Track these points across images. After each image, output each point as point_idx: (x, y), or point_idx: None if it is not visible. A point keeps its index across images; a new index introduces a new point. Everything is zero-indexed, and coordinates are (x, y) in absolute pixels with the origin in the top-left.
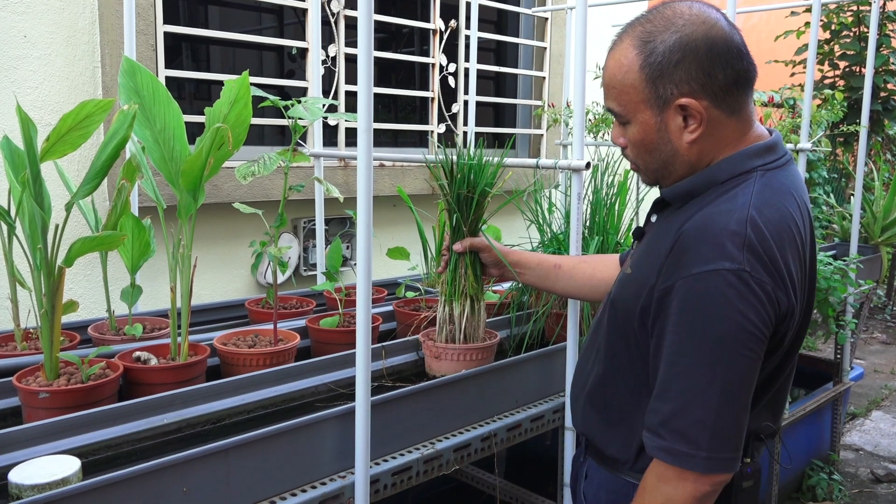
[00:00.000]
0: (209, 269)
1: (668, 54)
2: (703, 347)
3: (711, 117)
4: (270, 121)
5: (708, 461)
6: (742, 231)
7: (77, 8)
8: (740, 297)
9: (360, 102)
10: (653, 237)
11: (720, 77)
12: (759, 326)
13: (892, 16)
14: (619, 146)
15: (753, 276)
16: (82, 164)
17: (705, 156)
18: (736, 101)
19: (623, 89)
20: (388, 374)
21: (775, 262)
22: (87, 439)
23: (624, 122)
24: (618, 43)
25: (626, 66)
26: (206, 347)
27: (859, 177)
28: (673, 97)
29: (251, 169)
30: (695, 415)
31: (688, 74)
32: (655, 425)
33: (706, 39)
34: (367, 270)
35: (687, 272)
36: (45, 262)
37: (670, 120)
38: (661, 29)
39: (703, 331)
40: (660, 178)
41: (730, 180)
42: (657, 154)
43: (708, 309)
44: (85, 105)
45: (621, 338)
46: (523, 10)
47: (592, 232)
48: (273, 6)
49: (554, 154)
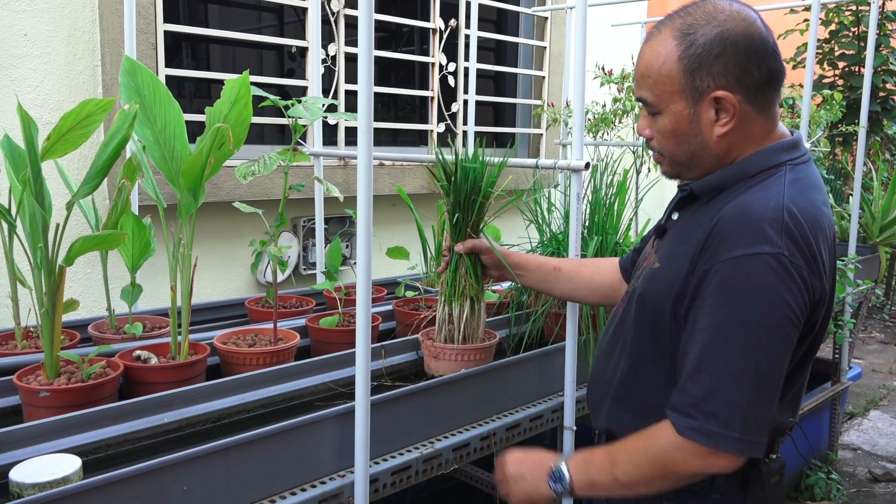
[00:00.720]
0: (209, 267)
1: (708, 47)
2: (742, 330)
3: (743, 112)
4: (270, 120)
5: (740, 443)
6: (779, 217)
7: (77, 6)
8: (780, 281)
9: (361, 102)
10: (680, 231)
11: (756, 74)
12: (796, 311)
13: (892, 16)
14: (645, 137)
15: (792, 261)
16: (82, 162)
17: (732, 150)
18: (767, 99)
19: (658, 79)
20: (388, 374)
21: (811, 249)
22: (87, 438)
23: (654, 112)
24: (656, 34)
25: (664, 56)
26: (207, 346)
27: (858, 177)
28: (709, 89)
29: (251, 168)
30: (729, 397)
31: (726, 68)
32: (686, 406)
33: (746, 36)
34: (367, 270)
35: (725, 256)
36: (46, 260)
37: (703, 112)
38: (702, 22)
39: (743, 313)
40: (683, 171)
41: (760, 173)
42: (686, 146)
43: (748, 292)
44: (86, 104)
45: (650, 332)
46: (523, 9)
47: (592, 232)
48: (273, 5)
49: (553, 153)
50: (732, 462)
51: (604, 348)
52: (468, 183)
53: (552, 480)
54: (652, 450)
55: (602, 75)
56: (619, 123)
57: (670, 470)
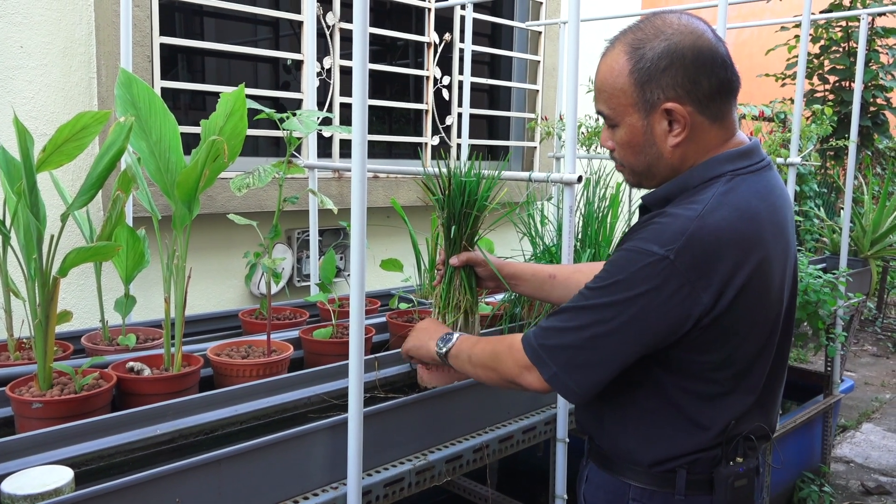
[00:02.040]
0: (203, 279)
1: (656, 60)
2: (598, 302)
3: (695, 123)
4: (265, 132)
5: (552, 376)
6: (686, 225)
7: (74, 19)
8: (649, 280)
9: (355, 115)
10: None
11: (705, 84)
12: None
13: (881, 31)
14: (608, 148)
15: (674, 269)
16: (77, 174)
17: (687, 160)
18: (719, 108)
19: (613, 93)
20: (381, 386)
21: (709, 262)
22: (80, 450)
23: (613, 124)
24: (610, 49)
25: (617, 70)
26: (200, 358)
27: (848, 190)
28: (659, 101)
29: (246, 181)
30: (562, 339)
31: (674, 80)
32: (541, 329)
33: (693, 48)
34: (361, 282)
35: (624, 244)
36: (40, 272)
37: (656, 123)
38: (650, 37)
39: (605, 288)
40: (643, 180)
41: (700, 185)
42: (643, 156)
43: (618, 274)
44: (81, 116)
45: None
46: (517, 23)
47: (584, 245)
48: (269, 18)
49: (547, 166)
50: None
51: None
52: (463, 196)
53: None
54: (498, 343)
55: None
56: None
57: (498, 365)
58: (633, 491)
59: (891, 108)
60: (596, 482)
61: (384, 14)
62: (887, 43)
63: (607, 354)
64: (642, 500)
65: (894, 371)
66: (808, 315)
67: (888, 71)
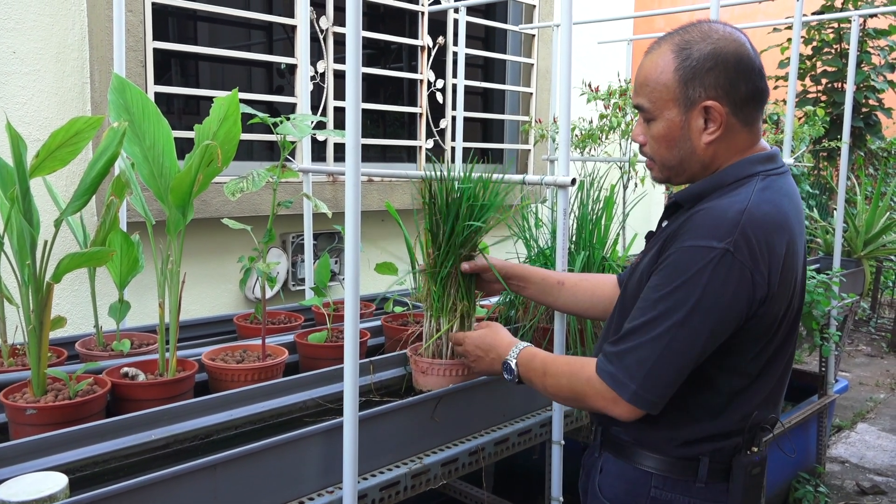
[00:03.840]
0: (197, 284)
1: (702, 60)
2: (669, 306)
3: (729, 123)
4: (259, 136)
5: (634, 394)
6: (736, 217)
7: (67, 24)
8: (716, 270)
9: (349, 118)
10: (663, 234)
11: (742, 89)
12: (728, 301)
13: (873, 33)
14: (639, 143)
15: (737, 255)
16: (70, 179)
17: (717, 158)
18: (751, 114)
19: (656, 87)
20: (376, 389)
21: (762, 249)
22: (74, 456)
23: (649, 118)
24: (656, 48)
25: (662, 66)
26: (195, 363)
27: (841, 191)
28: (700, 99)
29: (240, 185)
30: (640, 354)
31: (716, 81)
32: (611, 354)
33: (735, 55)
34: (355, 285)
35: (680, 244)
36: (34, 277)
37: (693, 120)
38: (697, 39)
39: (672, 292)
40: (671, 176)
41: (734, 182)
42: (676, 150)
43: (684, 275)
44: (75, 122)
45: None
46: (510, 27)
47: (579, 247)
48: (262, 23)
49: (541, 169)
50: (628, 412)
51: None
52: (460, 206)
53: (505, 370)
54: (574, 378)
55: (588, 92)
56: (605, 139)
57: (581, 399)
58: (654, 479)
59: (883, 108)
60: (614, 472)
61: (378, 18)
62: (879, 44)
63: (686, 357)
64: (664, 487)
65: (889, 371)
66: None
67: (880, 72)
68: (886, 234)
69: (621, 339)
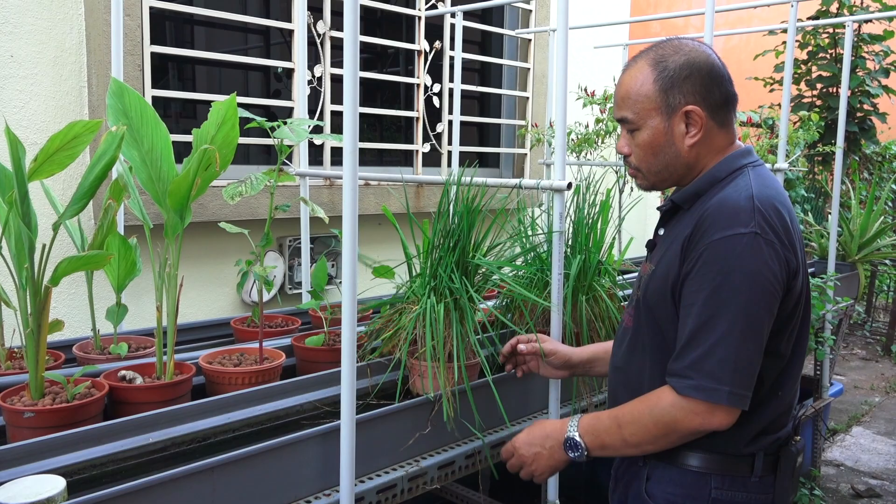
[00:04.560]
0: (195, 287)
1: (678, 70)
2: (725, 296)
3: (708, 126)
4: (256, 140)
5: (730, 395)
6: (750, 203)
7: (64, 28)
8: (757, 251)
9: (346, 123)
10: (668, 238)
11: (716, 94)
12: (771, 279)
13: (867, 38)
14: (623, 154)
15: (764, 237)
16: (68, 183)
17: (701, 159)
18: (725, 116)
19: (637, 99)
20: (374, 392)
21: (780, 227)
22: (72, 459)
23: (633, 129)
24: (632, 64)
25: (642, 79)
26: (192, 366)
27: (836, 196)
28: (680, 105)
29: (238, 189)
30: (719, 355)
31: (693, 87)
32: (684, 368)
33: (708, 63)
34: (353, 289)
35: (708, 239)
36: (31, 281)
37: (675, 125)
38: (671, 53)
39: (724, 283)
40: (657, 182)
41: (728, 176)
42: (662, 156)
43: (728, 263)
44: (73, 126)
45: (659, 328)
46: (507, 31)
47: (575, 251)
48: (259, 27)
49: (538, 173)
50: (727, 418)
51: (621, 360)
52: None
53: (569, 449)
54: (655, 411)
55: (584, 96)
56: (601, 143)
57: (672, 428)
58: (714, 479)
59: (877, 113)
60: (666, 478)
61: (375, 22)
62: (873, 49)
63: (759, 342)
64: (723, 487)
65: (883, 374)
66: None
67: (874, 77)
68: (881, 238)
69: (686, 349)
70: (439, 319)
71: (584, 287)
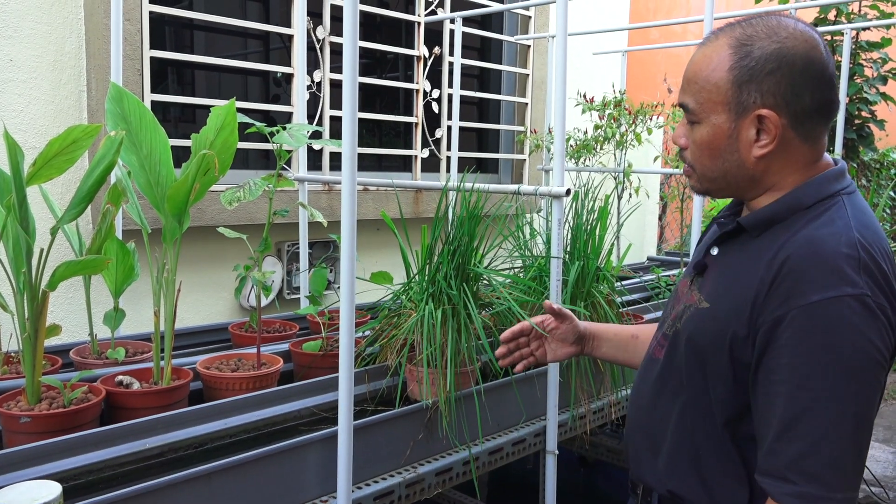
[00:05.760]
0: (192, 292)
1: (763, 61)
2: (831, 379)
3: (785, 137)
4: (255, 145)
5: (844, 503)
6: (855, 254)
7: (64, 32)
8: (866, 324)
9: (345, 128)
10: (729, 267)
11: (807, 99)
12: (885, 353)
13: (865, 46)
14: (679, 146)
15: (875, 301)
16: (66, 187)
17: (771, 175)
18: (814, 128)
19: (705, 86)
20: (371, 398)
21: (890, 285)
22: (68, 464)
23: (694, 120)
24: (712, 40)
25: (716, 63)
26: (189, 371)
27: None
28: (754, 105)
29: (237, 195)
30: (827, 453)
31: (777, 87)
32: (781, 468)
33: (805, 58)
34: (351, 294)
35: (804, 300)
36: (29, 285)
37: (744, 129)
38: (761, 35)
39: (831, 361)
40: (712, 189)
41: (815, 205)
42: (720, 161)
43: (834, 338)
44: (72, 130)
45: (702, 376)
46: (506, 37)
47: (573, 257)
48: (259, 32)
49: (537, 179)
50: None
51: (647, 398)
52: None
53: None
54: None
55: (583, 102)
56: (600, 150)
57: None
58: None
59: (875, 121)
60: None
61: (374, 28)
62: (871, 57)
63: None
64: None
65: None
66: None
67: (872, 84)
68: None
69: (781, 442)
70: (437, 326)
71: (583, 293)
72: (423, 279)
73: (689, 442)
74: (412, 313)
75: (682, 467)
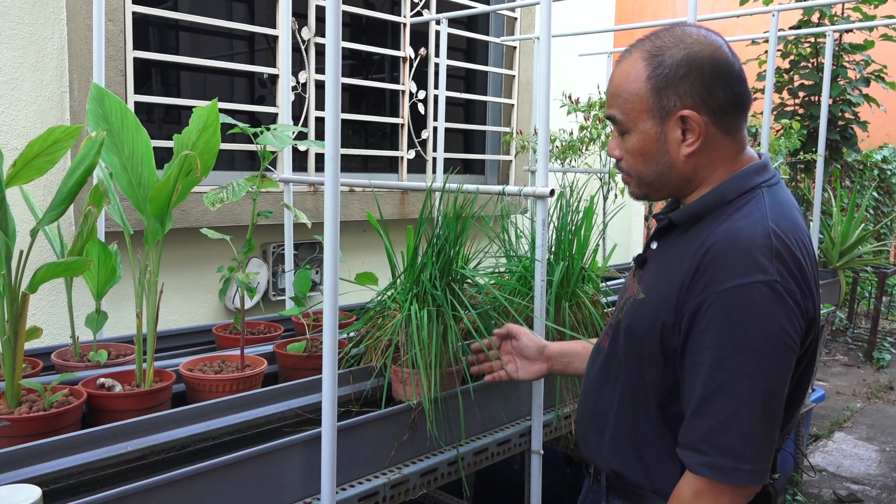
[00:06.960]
0: (176, 293)
1: (674, 67)
2: (743, 359)
3: (709, 133)
4: (240, 146)
5: (752, 474)
6: (768, 243)
7: (46, 33)
8: (776, 308)
9: (328, 129)
10: (663, 260)
11: (721, 96)
12: (793, 336)
13: (848, 48)
14: (614, 157)
15: (785, 287)
16: (48, 188)
17: (700, 171)
18: (732, 122)
19: (628, 98)
20: (356, 399)
21: (801, 272)
22: (49, 468)
23: (624, 131)
24: (627, 55)
25: (634, 76)
26: (172, 374)
27: (817, 203)
28: (675, 108)
29: (220, 196)
30: (737, 428)
31: (692, 88)
32: (696, 441)
33: (711, 59)
34: (334, 295)
35: (720, 286)
36: (9, 287)
37: (670, 131)
38: (669, 45)
39: (743, 343)
40: (650, 192)
41: (738, 198)
42: (653, 165)
43: (746, 321)
44: (53, 131)
45: (638, 362)
46: (492, 39)
47: (558, 257)
48: (244, 33)
49: (523, 179)
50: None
51: (593, 383)
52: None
53: None
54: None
55: (568, 103)
56: (585, 150)
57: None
58: None
59: (858, 122)
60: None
61: (360, 29)
62: (854, 59)
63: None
64: None
65: (865, 380)
66: None
67: (855, 86)
68: (862, 245)
69: (697, 417)
70: (422, 326)
71: (567, 294)
72: (408, 280)
73: (628, 423)
74: (397, 314)
75: (622, 447)
